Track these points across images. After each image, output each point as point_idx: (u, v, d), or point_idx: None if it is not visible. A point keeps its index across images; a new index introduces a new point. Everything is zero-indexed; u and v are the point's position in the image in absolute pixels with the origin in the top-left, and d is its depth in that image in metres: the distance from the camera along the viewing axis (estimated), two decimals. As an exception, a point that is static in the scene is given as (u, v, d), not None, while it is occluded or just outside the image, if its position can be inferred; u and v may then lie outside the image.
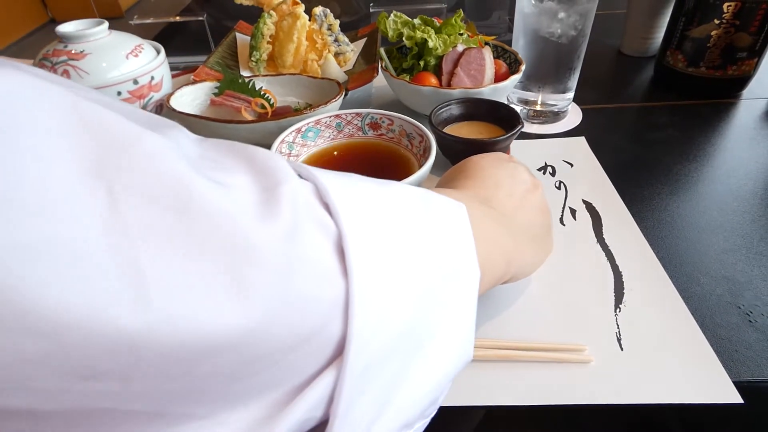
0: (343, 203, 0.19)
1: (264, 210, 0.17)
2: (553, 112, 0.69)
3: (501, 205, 0.34)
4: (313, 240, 0.18)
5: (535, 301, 0.42)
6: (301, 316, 0.17)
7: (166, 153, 0.16)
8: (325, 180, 0.20)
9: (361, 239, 0.19)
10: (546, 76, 0.66)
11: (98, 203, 0.14)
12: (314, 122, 0.52)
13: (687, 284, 0.43)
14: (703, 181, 0.56)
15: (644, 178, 0.57)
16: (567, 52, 0.63)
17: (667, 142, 0.63)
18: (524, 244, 0.34)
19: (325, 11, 0.74)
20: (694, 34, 0.69)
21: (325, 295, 0.18)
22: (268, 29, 0.71)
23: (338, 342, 0.18)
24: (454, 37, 0.61)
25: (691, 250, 0.46)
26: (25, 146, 0.13)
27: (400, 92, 0.63)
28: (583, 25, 0.60)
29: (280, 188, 0.18)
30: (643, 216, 0.51)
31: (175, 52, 0.97)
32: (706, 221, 0.50)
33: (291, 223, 0.17)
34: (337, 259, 0.18)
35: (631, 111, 0.72)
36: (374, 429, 0.20)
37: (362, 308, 0.18)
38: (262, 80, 0.63)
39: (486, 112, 0.55)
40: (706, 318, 0.40)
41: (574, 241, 0.48)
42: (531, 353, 0.37)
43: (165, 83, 0.60)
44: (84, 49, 0.54)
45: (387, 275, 0.20)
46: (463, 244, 0.24)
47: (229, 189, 0.17)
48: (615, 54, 0.89)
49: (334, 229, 0.19)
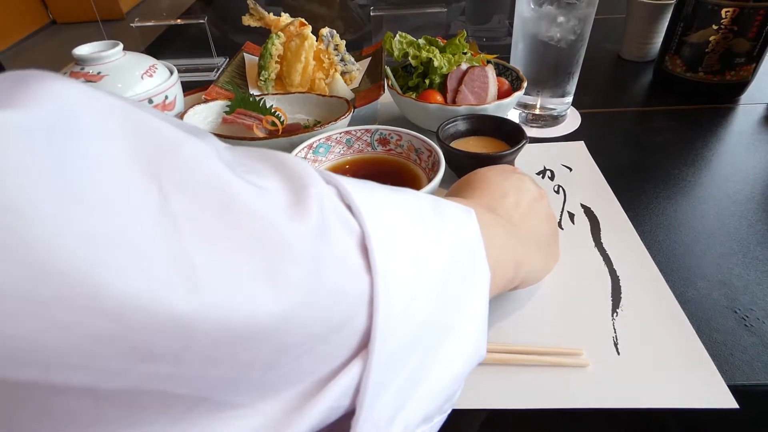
0: (365, 205, 0.21)
1: (295, 210, 0.18)
2: (552, 116, 0.69)
3: (507, 214, 0.35)
4: (339, 238, 0.19)
5: (532, 305, 0.42)
6: (330, 308, 0.18)
7: (208, 156, 0.17)
8: (347, 184, 0.22)
9: (383, 238, 0.20)
10: (545, 80, 0.66)
11: (152, 200, 0.15)
12: (325, 138, 0.53)
13: (684, 288, 0.43)
14: (701, 185, 0.56)
15: (642, 182, 0.57)
16: (566, 57, 0.63)
17: (665, 147, 0.63)
18: (532, 251, 0.35)
19: (331, 32, 0.75)
20: (692, 40, 0.69)
21: (351, 289, 0.19)
22: (277, 49, 0.73)
23: (364, 334, 0.19)
24: (458, 56, 0.63)
25: (688, 254, 0.47)
26: (89, 149, 0.15)
27: (406, 109, 0.64)
28: (582, 29, 0.61)
29: (307, 190, 0.19)
30: (640, 220, 0.51)
31: (175, 54, 0.98)
32: (704, 226, 0.50)
33: (319, 222, 0.18)
34: (361, 256, 0.19)
35: (630, 115, 0.72)
36: (397, 420, 0.21)
37: (386, 302, 0.19)
38: (272, 98, 0.65)
39: (491, 127, 0.56)
40: (703, 322, 0.40)
41: (572, 246, 0.48)
42: (528, 357, 0.37)
43: (178, 102, 0.62)
44: (100, 71, 0.56)
45: (408, 273, 0.21)
46: (474, 247, 0.26)
47: (263, 190, 0.18)
48: (614, 58, 0.90)
49: (358, 228, 0.20)
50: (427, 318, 0.22)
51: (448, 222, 0.25)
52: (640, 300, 0.42)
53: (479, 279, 0.25)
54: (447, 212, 0.25)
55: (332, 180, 0.22)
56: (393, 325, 0.20)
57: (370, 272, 0.19)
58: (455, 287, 0.23)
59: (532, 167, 0.60)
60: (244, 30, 0.84)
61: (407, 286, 0.21)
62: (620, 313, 0.41)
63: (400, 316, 0.20)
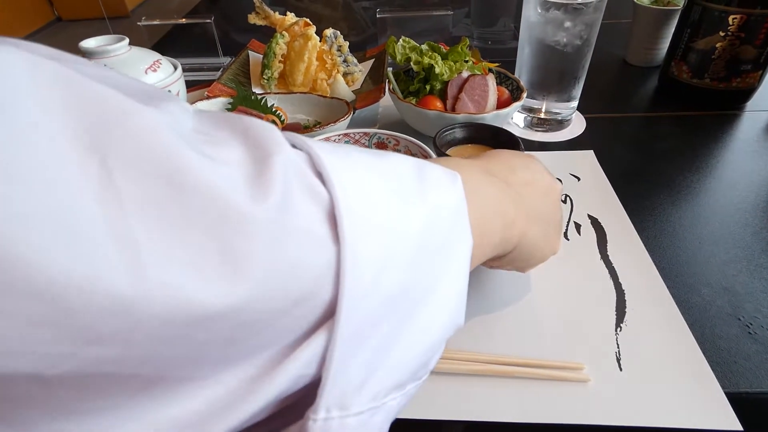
0: (336, 171, 0.20)
1: (255, 183, 0.17)
2: (557, 121, 0.69)
3: (507, 180, 0.33)
4: (303, 208, 0.18)
5: (535, 316, 0.42)
6: (293, 283, 0.18)
7: (160, 127, 0.16)
8: (318, 149, 0.21)
9: (353, 206, 0.19)
10: (550, 84, 0.66)
11: (92, 175, 0.14)
12: (323, 140, 0.53)
13: (688, 295, 0.43)
14: (706, 192, 0.56)
15: (646, 187, 0.57)
16: (572, 61, 0.63)
17: (670, 153, 0.63)
18: (530, 218, 0.33)
19: (335, 33, 0.76)
20: (699, 46, 0.69)
21: (316, 261, 0.18)
22: (281, 49, 0.73)
23: (329, 304, 0.19)
24: (459, 63, 0.64)
25: (692, 260, 0.47)
26: (22, 121, 0.14)
27: (406, 114, 0.64)
28: (588, 34, 0.61)
29: (272, 159, 0.18)
30: (644, 226, 0.51)
31: (181, 53, 0.98)
32: (708, 232, 0.50)
33: (282, 194, 0.18)
34: (328, 225, 0.19)
35: (635, 120, 0.72)
36: (366, 387, 0.21)
37: (353, 273, 0.19)
38: (273, 97, 0.65)
39: (488, 136, 0.56)
40: (706, 329, 0.40)
41: (577, 257, 0.47)
42: (528, 369, 0.37)
43: (181, 97, 0.62)
44: (106, 64, 0.56)
45: (379, 241, 0.20)
46: (456, 213, 0.25)
47: (220, 165, 0.17)
48: (620, 63, 0.90)
49: (327, 196, 0.19)
50: (400, 287, 0.21)
51: (430, 187, 0.24)
52: (645, 315, 0.41)
53: (460, 247, 0.24)
54: (430, 176, 0.24)
55: (304, 145, 0.21)
56: (360, 295, 0.19)
57: (338, 241, 0.18)
58: (432, 255, 0.23)
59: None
60: (250, 30, 0.85)
61: (377, 255, 0.20)
62: (624, 328, 0.40)
63: (368, 286, 0.19)
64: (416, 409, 0.35)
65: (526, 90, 0.64)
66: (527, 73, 0.67)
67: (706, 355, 0.38)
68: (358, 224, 0.19)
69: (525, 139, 0.68)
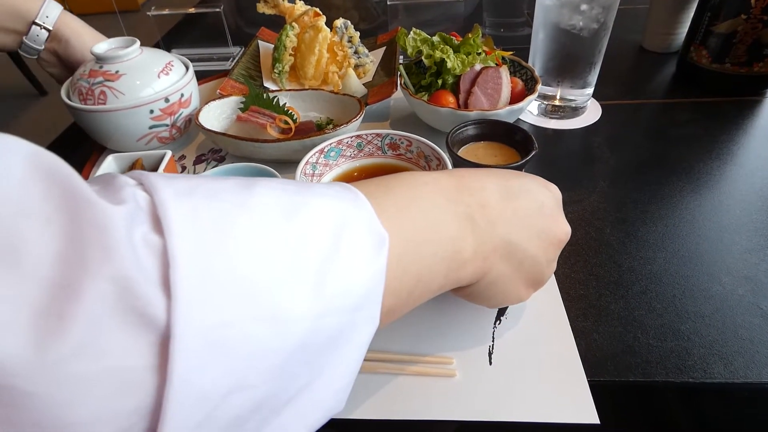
0: (189, 263, 0.16)
1: (45, 325, 0.14)
2: (571, 108, 0.67)
3: (487, 205, 0.29)
4: (117, 343, 0.15)
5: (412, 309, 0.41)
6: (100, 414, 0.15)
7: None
8: (181, 221, 0.17)
9: (198, 320, 0.16)
10: (565, 70, 0.65)
11: None
12: (336, 142, 0.52)
13: (708, 283, 0.42)
14: (726, 179, 0.54)
15: (665, 175, 0.55)
16: (588, 46, 0.61)
17: (689, 140, 0.61)
18: (500, 255, 0.29)
19: (346, 23, 0.74)
20: (719, 30, 0.67)
21: (124, 405, 0.16)
22: (291, 42, 0.72)
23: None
24: (472, 56, 0.62)
25: (712, 249, 0.45)
26: None
27: (418, 110, 0.63)
28: (605, 17, 0.59)
29: (83, 283, 0.15)
30: (663, 214, 0.49)
31: (191, 44, 0.98)
32: (729, 220, 0.48)
33: (83, 336, 0.14)
34: (156, 353, 0.16)
35: (652, 107, 0.70)
36: None
37: (178, 413, 0.16)
38: (285, 96, 0.64)
39: (502, 133, 0.55)
40: (727, 318, 0.39)
41: None
42: (390, 365, 0.36)
43: (194, 98, 0.62)
44: (118, 69, 0.55)
45: (227, 366, 0.17)
46: (364, 298, 0.21)
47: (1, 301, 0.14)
48: (636, 49, 0.87)
49: (163, 315, 0.16)
50: (253, 405, 0.18)
51: (339, 266, 0.20)
52: (527, 310, 0.40)
53: (358, 334, 0.21)
54: (348, 243, 0.21)
55: (166, 219, 0.17)
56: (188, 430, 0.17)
57: (163, 374, 0.15)
58: (314, 355, 0.19)
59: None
60: (259, 19, 0.84)
61: (220, 385, 0.17)
62: (504, 321, 0.39)
63: (201, 421, 0.17)
64: None
65: (540, 80, 0.63)
66: (541, 59, 0.66)
67: (725, 345, 0.37)
68: (199, 349, 0.16)
69: (539, 126, 0.67)
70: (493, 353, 0.37)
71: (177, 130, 0.60)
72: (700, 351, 0.37)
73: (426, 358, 0.37)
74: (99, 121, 0.55)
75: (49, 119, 2.18)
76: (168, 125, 0.59)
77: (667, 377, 0.35)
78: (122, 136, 0.57)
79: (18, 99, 2.43)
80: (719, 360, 0.36)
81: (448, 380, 0.35)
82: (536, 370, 0.36)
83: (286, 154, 0.55)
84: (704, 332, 0.38)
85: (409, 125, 0.66)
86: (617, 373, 0.36)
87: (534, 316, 0.40)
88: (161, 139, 0.59)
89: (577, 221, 0.49)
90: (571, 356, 0.37)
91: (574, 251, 0.46)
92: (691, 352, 0.37)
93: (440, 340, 0.38)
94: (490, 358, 0.37)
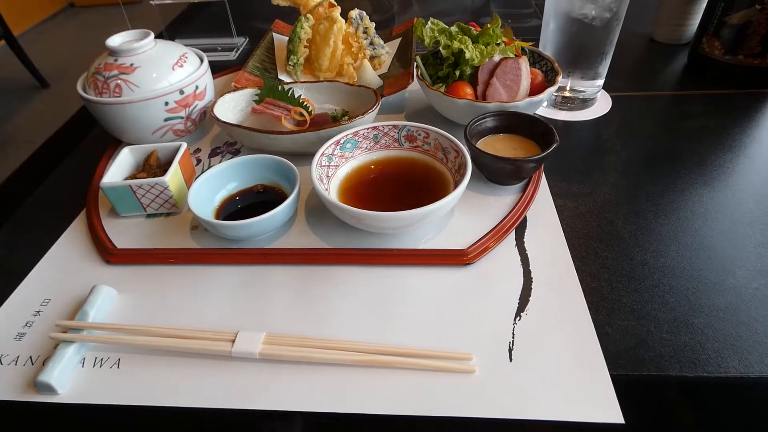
0: None
1: None
2: (581, 99, 0.67)
3: None
4: None
5: (431, 304, 0.41)
6: None
7: None
8: None
9: None
10: (576, 61, 0.64)
11: None
12: (352, 134, 0.52)
13: (721, 277, 0.42)
14: (739, 172, 0.54)
15: (677, 168, 0.55)
16: (600, 36, 0.61)
17: (701, 132, 0.61)
18: None
19: (361, 14, 0.73)
20: (733, 20, 0.67)
21: None
22: (306, 33, 0.71)
23: None
24: (491, 47, 0.60)
25: (725, 242, 0.45)
26: None
27: (434, 102, 0.62)
28: (618, 7, 0.59)
29: None
30: (676, 207, 0.49)
31: (195, 33, 0.97)
32: (742, 213, 0.48)
33: None
34: None
35: (663, 99, 0.70)
36: None
37: None
38: (300, 87, 0.64)
39: (522, 125, 0.54)
40: (741, 312, 0.39)
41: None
42: (409, 360, 0.36)
43: (208, 91, 0.62)
44: (133, 62, 0.55)
45: None
46: None
47: None
48: (645, 41, 0.87)
49: None
50: None
51: None
52: (548, 306, 0.40)
53: None
54: None
55: None
56: None
57: None
58: None
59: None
60: (265, 9, 0.83)
61: None
62: (524, 317, 0.39)
63: None
64: (289, 401, 0.34)
65: (561, 72, 0.62)
66: (552, 50, 0.65)
67: (740, 339, 0.37)
68: None
69: (548, 118, 0.66)
70: (513, 349, 0.37)
71: (192, 123, 0.60)
72: (714, 345, 0.37)
73: (445, 354, 0.37)
74: (114, 114, 0.55)
75: (50, 111, 2.17)
76: (183, 117, 0.59)
77: (681, 371, 0.35)
78: (137, 129, 0.57)
79: (19, 91, 2.42)
80: (734, 354, 0.36)
81: (468, 376, 0.35)
82: (557, 367, 0.36)
83: (301, 146, 0.55)
84: (718, 326, 0.38)
85: (425, 117, 0.66)
86: (631, 366, 0.36)
87: (555, 313, 0.40)
88: (176, 132, 0.59)
89: (589, 213, 0.50)
90: (594, 353, 0.36)
91: (585, 244, 0.46)
92: (705, 346, 0.37)
93: (459, 335, 0.38)
94: (510, 354, 0.37)
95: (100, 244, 0.48)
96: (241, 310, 0.42)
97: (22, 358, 0.39)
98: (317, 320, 0.40)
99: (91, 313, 0.41)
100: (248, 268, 0.46)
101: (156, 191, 0.49)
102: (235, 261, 0.46)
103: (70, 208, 0.55)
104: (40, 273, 0.47)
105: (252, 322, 0.40)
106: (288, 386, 0.36)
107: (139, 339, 0.39)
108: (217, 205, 0.49)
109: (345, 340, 0.38)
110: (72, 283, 0.45)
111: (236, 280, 0.44)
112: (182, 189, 0.51)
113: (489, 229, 0.47)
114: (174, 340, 0.38)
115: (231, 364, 0.38)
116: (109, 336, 0.39)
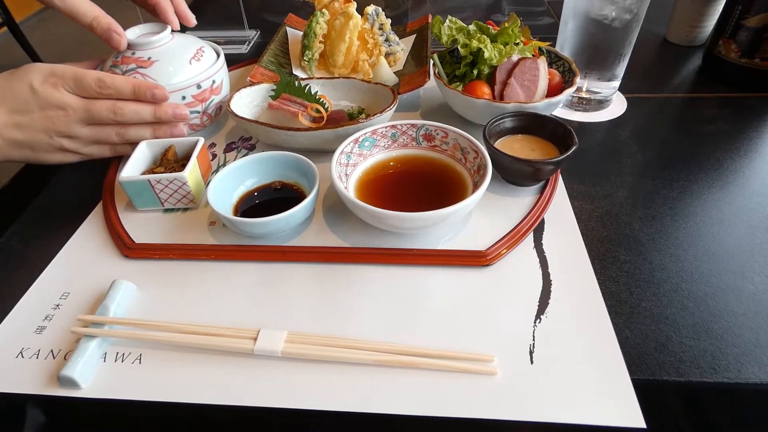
0: None
1: None
2: (597, 100, 0.67)
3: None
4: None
5: (453, 305, 0.41)
6: None
7: None
8: None
9: None
10: (593, 62, 0.64)
11: None
12: (371, 132, 0.52)
13: (738, 282, 0.42)
14: (756, 176, 0.54)
15: (693, 171, 0.55)
16: (619, 38, 0.61)
17: (717, 135, 0.61)
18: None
19: (377, 10, 0.73)
20: (750, 23, 0.66)
21: None
22: (321, 29, 0.70)
23: None
24: (509, 46, 0.60)
25: (743, 247, 0.45)
26: None
27: (452, 101, 0.62)
28: (638, 8, 0.58)
29: None
30: (692, 211, 0.49)
31: (206, 26, 0.97)
32: (759, 218, 0.48)
33: None
34: None
35: (678, 102, 0.70)
36: None
37: None
38: (316, 83, 0.63)
39: (540, 126, 0.54)
40: (760, 319, 0.39)
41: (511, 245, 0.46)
42: (431, 361, 0.36)
43: (224, 86, 0.61)
44: (150, 56, 0.55)
45: None
46: None
47: None
48: (659, 42, 0.86)
49: None
50: None
51: None
52: (567, 309, 0.40)
53: None
54: None
55: None
56: None
57: None
58: None
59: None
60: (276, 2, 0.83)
61: None
62: (544, 320, 0.39)
63: None
64: (310, 400, 0.35)
65: (579, 72, 0.61)
66: (569, 50, 0.65)
67: (759, 345, 0.37)
68: None
69: (564, 118, 0.66)
70: (534, 352, 0.37)
71: (208, 117, 0.60)
72: (734, 351, 0.37)
73: (467, 355, 0.37)
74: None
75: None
76: (199, 112, 0.58)
77: (702, 377, 0.36)
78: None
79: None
80: (753, 361, 0.36)
81: (489, 378, 0.36)
82: (578, 370, 0.36)
83: (317, 143, 0.55)
84: (737, 332, 0.38)
85: (439, 115, 0.66)
86: (650, 371, 0.36)
87: (574, 315, 0.40)
88: (192, 126, 0.59)
89: (606, 216, 0.50)
90: (615, 357, 0.37)
91: (603, 247, 0.46)
92: (724, 352, 0.37)
93: (480, 337, 0.38)
94: (531, 356, 0.37)
95: (118, 239, 0.48)
96: (260, 307, 0.42)
97: (44, 352, 0.39)
98: (337, 319, 0.40)
99: (112, 308, 0.41)
100: (267, 266, 0.46)
101: (174, 186, 0.49)
102: (254, 258, 0.46)
103: (85, 203, 0.54)
104: (58, 266, 0.47)
105: (272, 319, 0.41)
106: (311, 385, 0.36)
107: (161, 335, 0.39)
108: (235, 201, 0.49)
109: (366, 339, 0.38)
110: (90, 276, 0.45)
111: (255, 277, 0.44)
112: (199, 184, 0.51)
113: (507, 230, 0.47)
114: (196, 337, 0.38)
115: (252, 361, 0.38)
116: (132, 331, 0.40)
